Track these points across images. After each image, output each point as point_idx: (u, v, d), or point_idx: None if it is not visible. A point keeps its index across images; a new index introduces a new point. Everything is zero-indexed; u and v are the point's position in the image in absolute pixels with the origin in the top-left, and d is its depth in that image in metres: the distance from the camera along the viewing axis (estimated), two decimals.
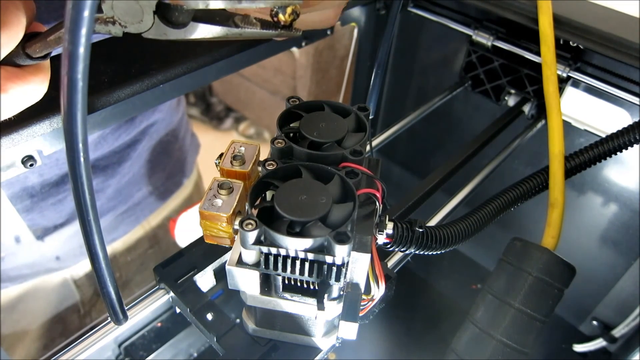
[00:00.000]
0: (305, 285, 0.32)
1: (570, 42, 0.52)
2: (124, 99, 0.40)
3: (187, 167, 0.80)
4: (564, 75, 0.54)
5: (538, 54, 0.52)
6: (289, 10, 0.28)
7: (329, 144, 0.33)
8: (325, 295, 0.30)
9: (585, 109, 0.57)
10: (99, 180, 0.62)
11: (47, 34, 0.27)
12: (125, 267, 0.74)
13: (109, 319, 0.34)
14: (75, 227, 0.64)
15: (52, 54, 0.31)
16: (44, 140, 0.37)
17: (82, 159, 0.22)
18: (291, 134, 0.34)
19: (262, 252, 0.29)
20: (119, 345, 0.42)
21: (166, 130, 0.70)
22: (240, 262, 0.30)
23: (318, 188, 0.29)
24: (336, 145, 0.33)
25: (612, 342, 0.62)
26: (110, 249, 0.71)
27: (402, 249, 0.36)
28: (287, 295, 0.32)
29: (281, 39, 0.43)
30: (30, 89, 0.29)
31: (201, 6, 0.25)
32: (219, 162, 0.34)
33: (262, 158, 0.32)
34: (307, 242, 0.27)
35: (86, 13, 0.19)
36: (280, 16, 0.28)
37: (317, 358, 0.36)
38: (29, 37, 0.28)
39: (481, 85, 0.65)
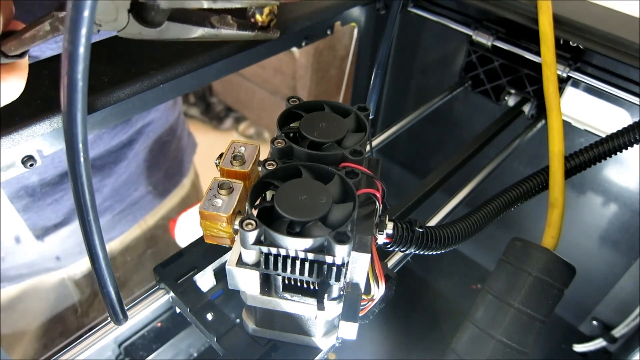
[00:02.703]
0: (305, 285, 0.32)
1: (570, 42, 0.52)
2: (124, 99, 0.40)
3: (185, 167, 0.80)
4: (564, 75, 0.54)
5: (538, 54, 0.52)
6: (266, 10, 0.28)
7: (329, 144, 0.33)
8: (325, 295, 0.30)
9: (585, 109, 0.57)
10: (95, 180, 0.62)
11: (22, 32, 0.27)
12: (122, 267, 0.74)
13: (109, 319, 0.34)
14: (73, 227, 0.64)
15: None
16: (44, 140, 0.37)
17: (82, 159, 0.22)
18: (291, 134, 0.34)
19: (262, 252, 0.29)
20: (119, 345, 0.42)
21: (163, 130, 0.70)
22: (240, 262, 0.30)
23: (318, 188, 0.29)
24: (336, 145, 0.33)
25: (612, 342, 0.62)
26: (108, 248, 0.70)
27: (402, 249, 0.36)
28: (287, 295, 0.32)
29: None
30: (6, 87, 0.29)
31: (176, 5, 0.25)
32: (219, 162, 0.34)
33: (262, 158, 0.32)
34: (307, 242, 0.27)
35: (86, 13, 0.19)
36: (257, 17, 0.28)
37: (317, 358, 0.36)
38: (6, 35, 0.28)
39: (481, 85, 0.65)
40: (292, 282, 0.31)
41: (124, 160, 0.64)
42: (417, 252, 0.37)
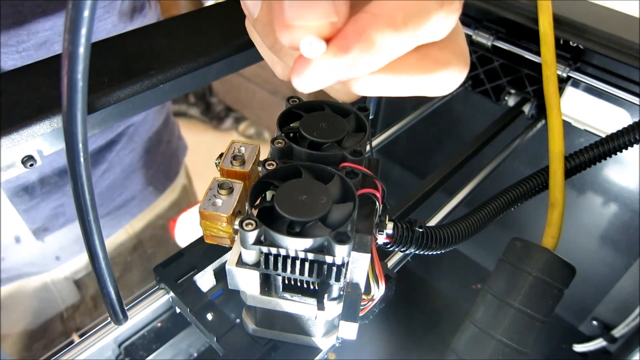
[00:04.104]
0: (305, 285, 0.32)
1: (570, 42, 0.52)
2: (124, 99, 0.40)
3: (174, 170, 0.78)
4: (564, 75, 0.54)
5: (538, 54, 0.52)
6: None
7: (329, 144, 0.33)
8: (325, 295, 0.30)
9: (585, 109, 0.57)
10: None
11: None
12: None
13: (109, 319, 0.34)
14: (73, 227, 0.63)
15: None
16: (44, 140, 0.37)
17: (82, 159, 0.22)
18: (291, 134, 0.34)
19: (262, 252, 0.29)
20: (119, 345, 0.42)
21: (148, 134, 0.69)
22: (240, 262, 0.30)
23: (318, 188, 0.29)
24: (336, 145, 0.33)
25: (612, 342, 0.62)
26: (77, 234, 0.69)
27: (402, 249, 0.36)
28: (287, 295, 0.32)
29: None
30: None
31: None
32: (219, 162, 0.34)
33: (262, 158, 0.32)
34: (307, 242, 0.27)
35: (86, 13, 0.19)
36: None
37: (317, 358, 0.36)
38: None
39: (481, 85, 0.65)
40: (292, 282, 0.31)
41: (103, 164, 0.63)
42: (417, 252, 0.37)
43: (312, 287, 0.32)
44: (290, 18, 0.19)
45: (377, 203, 0.32)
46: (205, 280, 0.41)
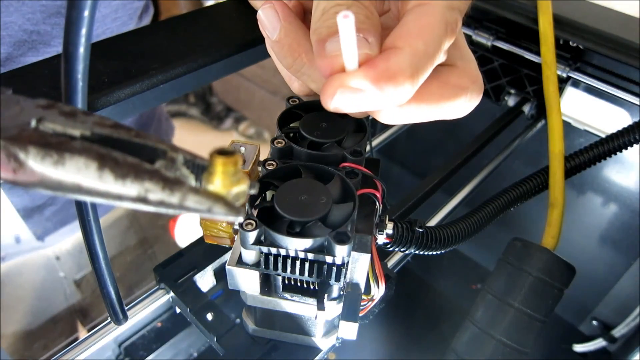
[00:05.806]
0: (305, 285, 0.32)
1: (570, 42, 0.52)
2: (124, 99, 0.40)
3: None
4: (564, 75, 0.54)
5: (538, 54, 0.52)
6: None
7: (329, 144, 0.33)
8: (325, 295, 0.30)
9: (585, 109, 0.57)
10: None
11: None
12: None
13: (109, 319, 0.34)
14: (72, 226, 0.63)
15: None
16: None
17: None
18: (291, 134, 0.34)
19: (262, 252, 0.29)
20: (119, 345, 0.42)
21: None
22: (240, 262, 0.30)
23: (318, 188, 0.29)
24: (336, 145, 0.33)
25: (612, 342, 0.62)
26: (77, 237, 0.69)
27: (402, 249, 0.36)
28: (287, 295, 0.32)
29: None
30: None
31: None
32: None
33: (262, 158, 0.32)
34: (307, 242, 0.27)
35: (86, 13, 0.19)
36: None
37: (317, 358, 0.36)
38: None
39: None
40: (292, 282, 0.31)
41: None
42: (417, 252, 0.37)
43: (312, 287, 0.32)
44: (330, 51, 0.23)
45: (377, 203, 0.32)
46: (205, 280, 0.41)
